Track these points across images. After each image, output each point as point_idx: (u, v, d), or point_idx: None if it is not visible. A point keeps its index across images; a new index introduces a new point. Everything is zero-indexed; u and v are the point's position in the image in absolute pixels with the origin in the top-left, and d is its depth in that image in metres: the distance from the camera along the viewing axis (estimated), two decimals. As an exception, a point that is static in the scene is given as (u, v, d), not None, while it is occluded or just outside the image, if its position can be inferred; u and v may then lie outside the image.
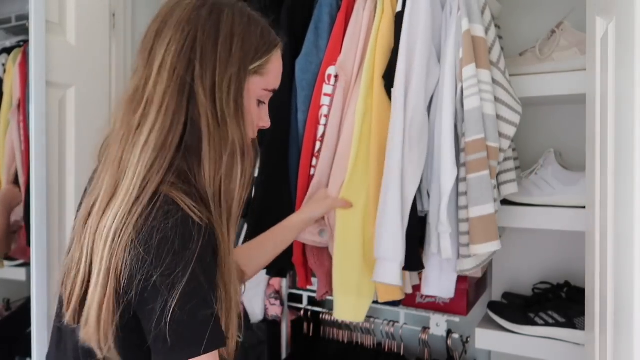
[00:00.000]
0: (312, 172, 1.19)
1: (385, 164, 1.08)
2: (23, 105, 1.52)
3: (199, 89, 0.71)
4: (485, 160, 1.04)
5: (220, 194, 0.72)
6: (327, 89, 1.18)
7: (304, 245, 1.23)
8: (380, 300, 1.16)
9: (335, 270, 1.14)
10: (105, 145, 0.78)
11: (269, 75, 0.79)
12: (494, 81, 1.09)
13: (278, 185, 1.23)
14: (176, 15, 0.73)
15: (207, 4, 0.74)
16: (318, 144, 1.19)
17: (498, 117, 1.08)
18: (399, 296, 1.16)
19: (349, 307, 1.17)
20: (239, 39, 0.74)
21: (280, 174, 1.23)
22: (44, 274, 1.26)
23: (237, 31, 0.74)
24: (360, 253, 1.13)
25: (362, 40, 1.16)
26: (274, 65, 0.79)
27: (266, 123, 0.85)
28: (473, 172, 1.04)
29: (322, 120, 1.18)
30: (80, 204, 0.78)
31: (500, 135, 1.09)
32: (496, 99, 1.09)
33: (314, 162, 1.19)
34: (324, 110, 1.18)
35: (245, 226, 1.33)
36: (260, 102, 0.82)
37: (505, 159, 1.19)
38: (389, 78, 1.10)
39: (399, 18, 1.11)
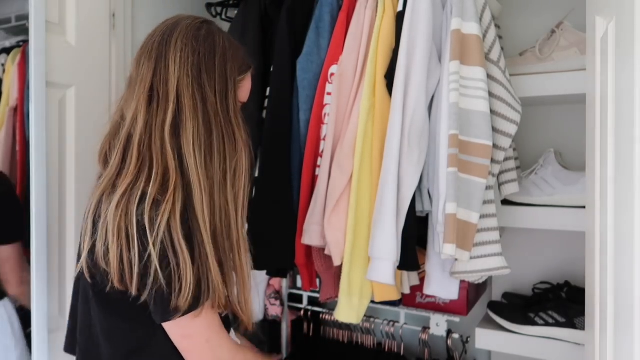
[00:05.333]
0: (316, 172, 1.18)
1: (383, 163, 1.08)
2: (21, 105, 1.52)
3: (209, 93, 0.88)
4: (486, 168, 1.03)
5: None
6: (330, 88, 1.17)
7: (308, 247, 1.20)
8: (376, 300, 1.15)
9: (344, 272, 1.12)
10: (107, 145, 0.92)
11: (242, 89, 0.97)
12: (494, 79, 1.08)
13: (279, 185, 1.22)
14: (179, 32, 0.89)
15: (203, 28, 0.91)
16: (322, 143, 1.18)
17: (498, 114, 1.08)
18: (394, 296, 1.15)
19: (352, 309, 1.16)
20: (230, 57, 0.93)
21: (281, 174, 1.22)
22: (44, 274, 1.25)
23: (227, 52, 0.93)
24: (367, 254, 1.12)
25: (364, 39, 1.16)
26: (247, 82, 0.99)
27: None
28: (466, 173, 1.03)
29: (326, 120, 1.18)
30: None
31: (501, 133, 1.08)
32: (496, 97, 1.08)
33: (318, 161, 1.18)
34: (327, 110, 1.18)
35: (246, 225, 1.33)
36: None
37: (506, 159, 1.19)
38: (390, 78, 1.10)
39: (399, 18, 1.11)
